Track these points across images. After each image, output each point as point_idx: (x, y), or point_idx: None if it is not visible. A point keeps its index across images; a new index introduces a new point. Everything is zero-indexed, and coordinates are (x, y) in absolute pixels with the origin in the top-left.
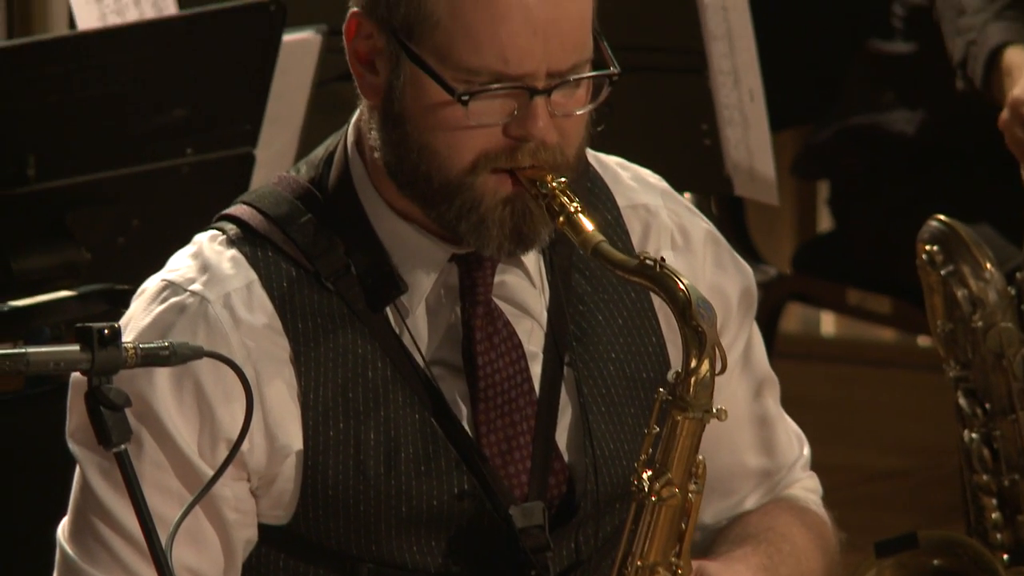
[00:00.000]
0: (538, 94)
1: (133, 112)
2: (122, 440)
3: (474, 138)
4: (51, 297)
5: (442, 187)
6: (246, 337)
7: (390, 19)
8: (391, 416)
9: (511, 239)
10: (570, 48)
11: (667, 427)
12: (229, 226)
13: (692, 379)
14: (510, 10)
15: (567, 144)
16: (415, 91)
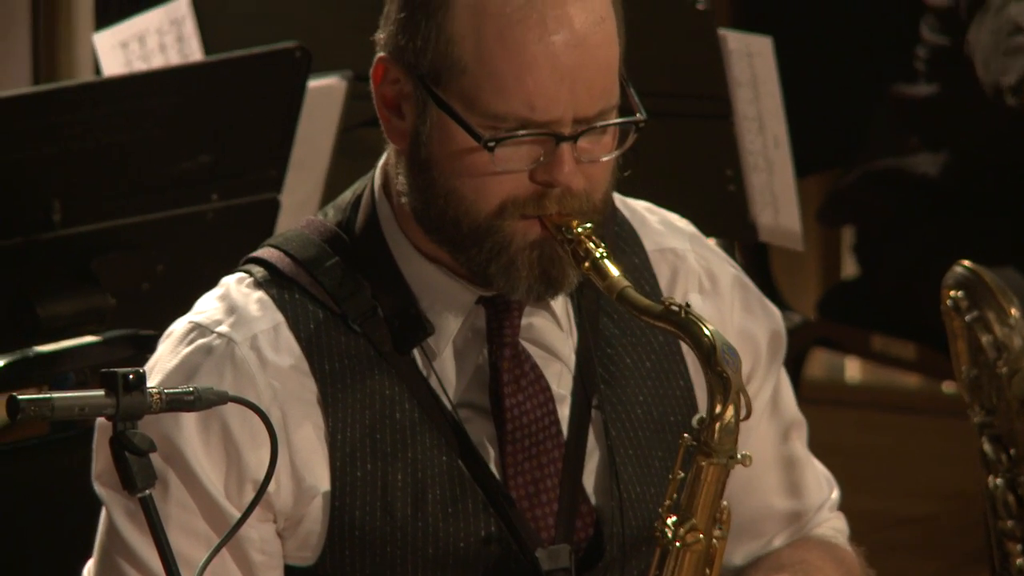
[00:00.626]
0: (564, 140)
1: (159, 158)
2: (147, 485)
3: (501, 184)
4: (76, 343)
5: (471, 231)
6: (273, 379)
7: (417, 64)
8: (418, 458)
9: (540, 282)
10: (596, 95)
11: (692, 472)
12: (256, 268)
13: (717, 424)
14: (537, 57)
15: (593, 190)
16: (442, 136)
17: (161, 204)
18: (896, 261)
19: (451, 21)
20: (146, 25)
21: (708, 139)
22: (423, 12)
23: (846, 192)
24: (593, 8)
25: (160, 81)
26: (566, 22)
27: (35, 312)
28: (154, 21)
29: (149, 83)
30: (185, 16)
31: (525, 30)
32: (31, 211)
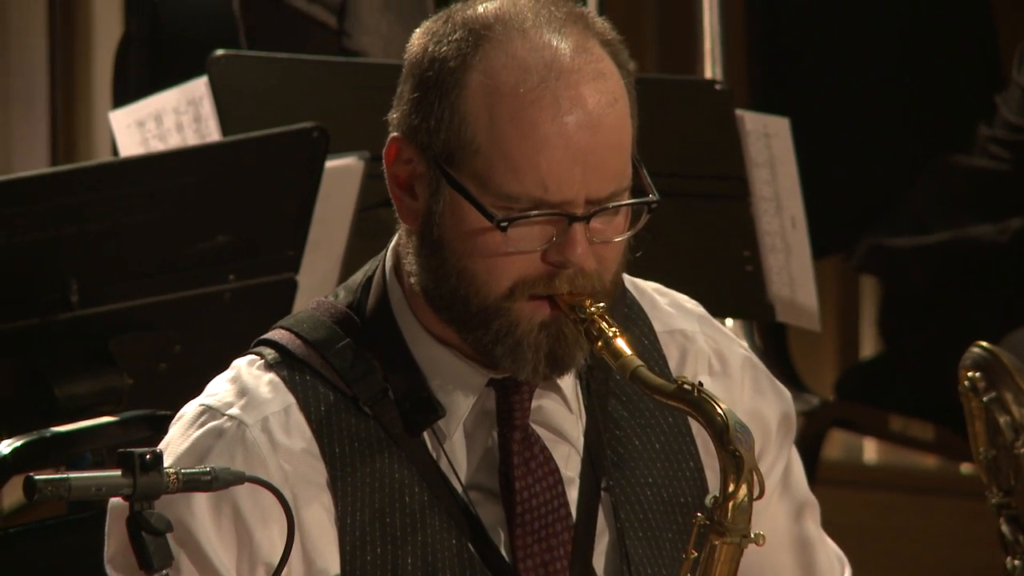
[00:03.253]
0: (577, 221)
1: (175, 238)
2: (164, 565)
3: (513, 263)
4: (93, 423)
5: (480, 311)
6: (284, 461)
7: (431, 144)
8: (428, 541)
9: (546, 363)
10: (609, 176)
11: (705, 552)
12: (267, 350)
13: (730, 503)
14: (550, 138)
15: (605, 270)
16: (454, 216)
17: (178, 284)
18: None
19: (464, 101)
20: (163, 104)
21: (725, 219)
22: (436, 92)
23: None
24: (607, 89)
25: (177, 161)
26: (580, 103)
27: (52, 392)
28: (171, 100)
29: (166, 163)
30: (203, 96)
31: (538, 111)
32: (49, 291)
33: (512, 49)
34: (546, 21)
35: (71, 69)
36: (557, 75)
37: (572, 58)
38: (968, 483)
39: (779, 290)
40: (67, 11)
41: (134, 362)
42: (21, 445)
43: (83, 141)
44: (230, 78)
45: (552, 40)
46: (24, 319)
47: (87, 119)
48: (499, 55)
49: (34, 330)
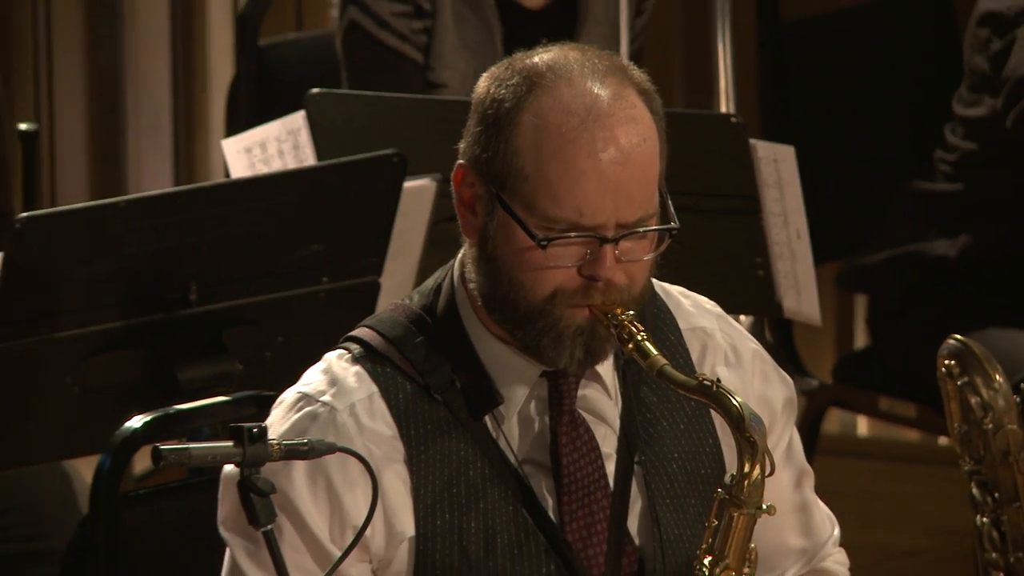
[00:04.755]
0: (607, 242)
1: (278, 247)
2: (268, 521)
3: (553, 276)
4: (209, 402)
5: (527, 313)
6: (368, 441)
7: (488, 171)
8: (489, 508)
9: (583, 355)
10: (636, 205)
11: (724, 521)
12: (354, 346)
13: (745, 481)
14: (586, 171)
15: (633, 284)
16: (505, 233)
17: (281, 286)
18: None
19: (517, 137)
20: (267, 134)
21: (740, 232)
22: (494, 127)
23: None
24: (638, 131)
25: (279, 182)
26: (613, 142)
27: (175, 376)
28: (274, 131)
29: (270, 184)
30: (300, 127)
31: (577, 148)
32: (172, 292)
33: (559, 94)
34: (590, 71)
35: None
36: (595, 118)
37: (609, 104)
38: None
39: (786, 292)
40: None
41: (244, 351)
42: (149, 420)
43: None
44: (323, 112)
45: (593, 88)
46: (152, 315)
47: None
48: (548, 99)
49: (160, 324)
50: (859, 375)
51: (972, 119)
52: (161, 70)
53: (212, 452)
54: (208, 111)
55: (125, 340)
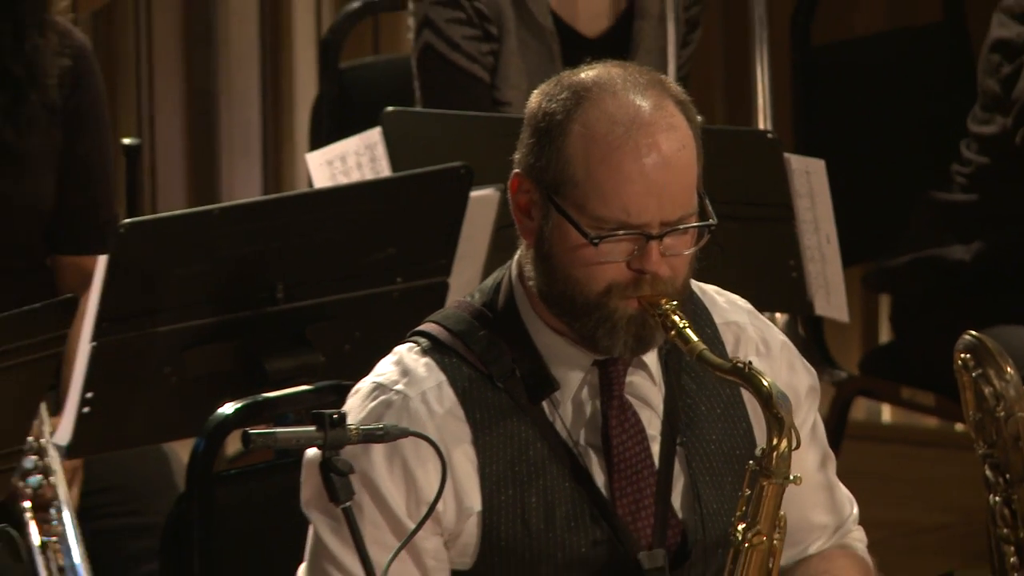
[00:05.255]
0: (652, 239)
1: (356, 250)
2: (347, 498)
3: (605, 271)
4: (294, 390)
5: (583, 306)
6: (438, 425)
7: (542, 178)
8: (548, 485)
9: (634, 342)
10: (678, 204)
11: (756, 490)
12: (422, 339)
13: (774, 454)
14: (631, 175)
15: (676, 277)
16: (559, 234)
17: (359, 285)
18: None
19: (567, 146)
20: (347, 148)
21: (776, 237)
22: (547, 138)
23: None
24: (677, 138)
25: (357, 192)
26: (655, 148)
27: (263, 367)
28: (353, 145)
29: (349, 193)
30: (377, 142)
31: (623, 154)
32: (260, 290)
33: (604, 106)
34: (632, 85)
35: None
36: (638, 127)
37: (650, 113)
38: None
39: (816, 291)
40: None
41: (325, 345)
42: (240, 407)
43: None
44: (397, 128)
45: (636, 99)
46: (242, 312)
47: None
48: (594, 111)
49: (249, 320)
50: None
51: (985, 136)
52: (251, 91)
53: (296, 436)
54: (293, 127)
55: (218, 334)
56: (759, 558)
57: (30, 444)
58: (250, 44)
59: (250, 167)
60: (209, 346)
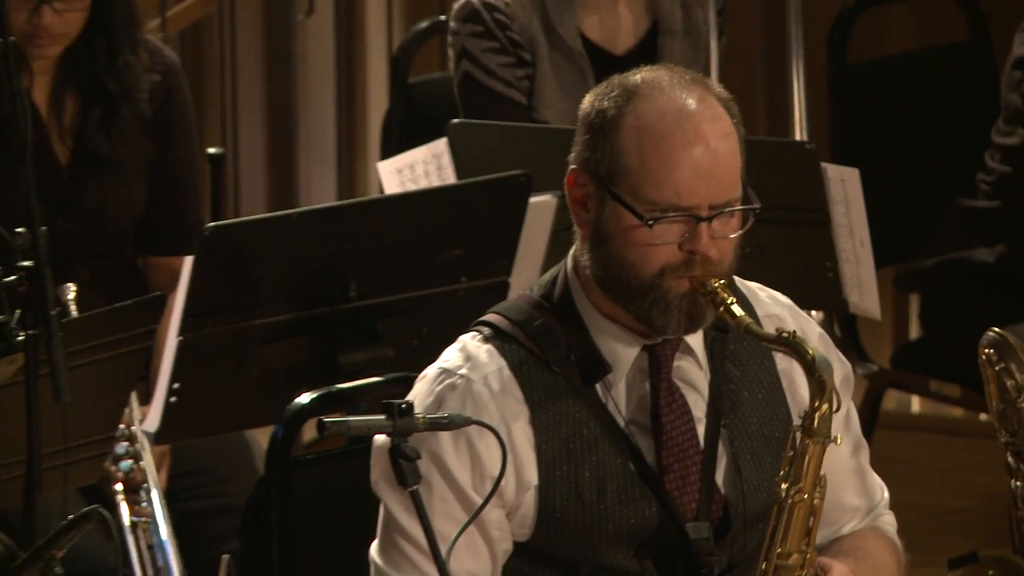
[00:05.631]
0: (702, 220)
1: (424, 252)
2: (415, 482)
3: (659, 252)
4: (366, 382)
5: (638, 287)
6: (499, 405)
7: (597, 170)
8: (600, 460)
9: (686, 320)
10: (724, 189)
11: (799, 450)
12: (485, 328)
13: (816, 415)
14: (681, 161)
15: (724, 259)
16: (615, 220)
17: (426, 284)
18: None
19: (620, 138)
20: (415, 157)
21: (814, 240)
22: (601, 132)
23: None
24: (721, 128)
25: (425, 198)
26: (702, 137)
27: (337, 360)
28: (421, 154)
29: (418, 199)
30: (443, 151)
31: (673, 142)
32: (335, 289)
33: (654, 101)
34: (678, 83)
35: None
36: (686, 117)
37: (696, 106)
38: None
39: (851, 291)
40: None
41: (395, 339)
42: (316, 397)
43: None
44: (462, 139)
45: (682, 95)
46: (317, 308)
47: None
48: (645, 104)
49: (325, 316)
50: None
51: (1007, 147)
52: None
53: (367, 424)
54: (366, 138)
55: (295, 330)
56: (801, 514)
57: (122, 431)
58: (326, 62)
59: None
60: (287, 340)
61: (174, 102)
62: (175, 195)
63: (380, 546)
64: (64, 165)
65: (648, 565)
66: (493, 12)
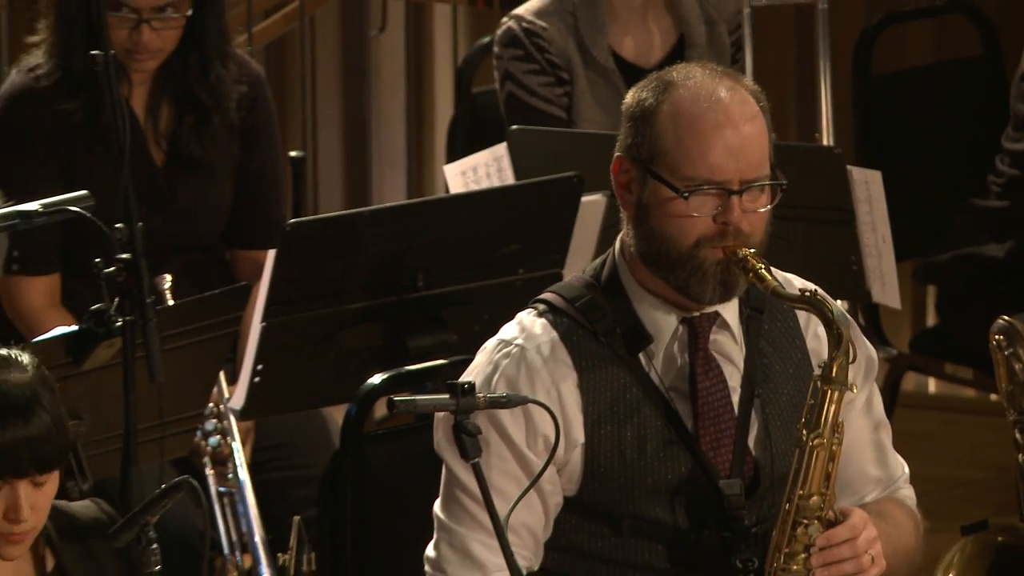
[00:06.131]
0: (734, 194)
1: (485, 246)
2: (476, 456)
3: (695, 224)
4: (431, 364)
5: (676, 258)
6: (551, 371)
7: (639, 154)
8: (642, 422)
9: (720, 288)
10: (753, 165)
11: (819, 398)
12: (539, 304)
13: (835, 364)
14: (713, 139)
15: (754, 231)
16: (655, 197)
17: (487, 275)
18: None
19: (659, 123)
20: (478, 160)
21: (840, 236)
22: (641, 119)
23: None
24: (749, 111)
25: (487, 197)
26: (731, 119)
27: (406, 344)
28: (483, 158)
29: (480, 198)
30: (503, 155)
31: (705, 123)
32: (404, 280)
33: (688, 89)
34: (710, 75)
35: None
36: (716, 102)
37: (725, 93)
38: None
39: (873, 282)
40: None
41: (458, 325)
42: (386, 378)
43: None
44: (520, 143)
45: (713, 83)
46: (388, 297)
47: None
48: (679, 92)
49: (395, 304)
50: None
51: (1016, 152)
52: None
53: (433, 403)
54: (433, 143)
55: (368, 316)
56: (821, 458)
57: (211, 409)
58: (397, 74)
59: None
60: (360, 326)
61: (259, 110)
62: (260, 195)
63: (443, 502)
64: (159, 167)
65: (683, 517)
66: (532, 37)
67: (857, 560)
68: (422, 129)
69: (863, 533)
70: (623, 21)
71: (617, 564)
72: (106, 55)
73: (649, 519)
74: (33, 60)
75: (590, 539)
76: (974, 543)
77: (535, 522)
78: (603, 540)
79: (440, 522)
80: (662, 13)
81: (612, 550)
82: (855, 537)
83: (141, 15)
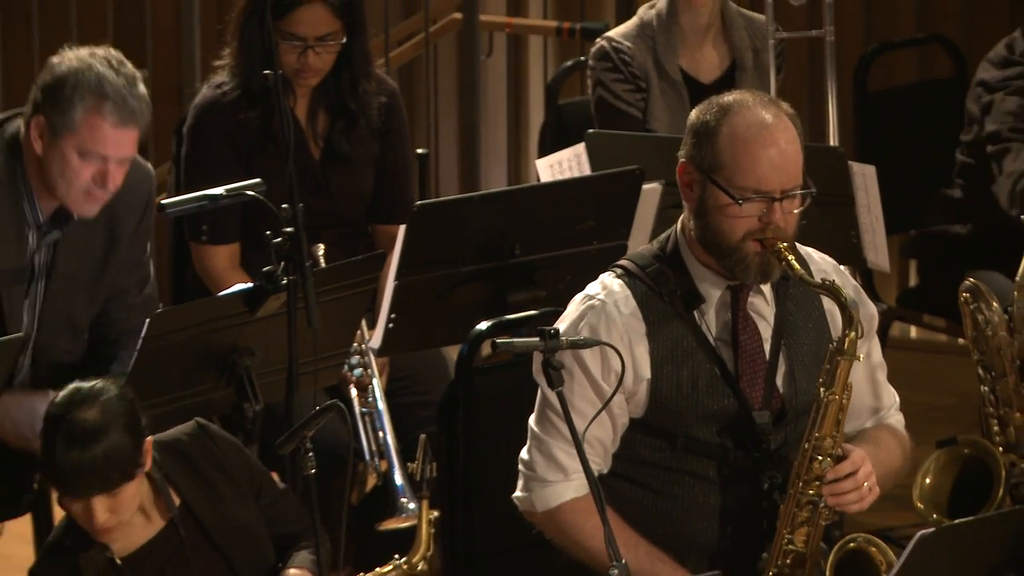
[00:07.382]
0: (776, 200)
1: (568, 222)
2: (559, 385)
3: (742, 223)
4: (526, 314)
5: (727, 247)
6: (625, 321)
7: (701, 164)
8: (695, 364)
9: (759, 272)
10: (791, 178)
11: (833, 365)
12: (618, 268)
13: (846, 339)
14: (762, 159)
15: (789, 228)
16: (713, 199)
17: (569, 245)
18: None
19: (719, 141)
20: (563, 156)
21: (842, 216)
22: (704, 137)
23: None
24: (790, 135)
25: (570, 185)
26: (776, 141)
27: (506, 299)
28: (567, 154)
29: (565, 186)
30: (582, 152)
31: (756, 145)
32: (503, 248)
33: (742, 116)
34: (759, 103)
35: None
36: (765, 127)
37: (772, 120)
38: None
39: (868, 252)
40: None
41: (546, 285)
42: (490, 325)
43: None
44: (596, 143)
45: (762, 112)
46: (492, 262)
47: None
48: (735, 118)
49: (497, 268)
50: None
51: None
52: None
53: (527, 344)
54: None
55: (476, 277)
56: (833, 409)
57: (355, 347)
58: (500, 90)
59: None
60: (470, 285)
61: (394, 117)
62: (394, 182)
63: (536, 417)
64: (317, 161)
65: (724, 438)
66: (619, 54)
67: (858, 490)
68: (519, 133)
69: (862, 468)
70: (690, 45)
71: (672, 471)
72: (275, 74)
73: (698, 439)
74: (219, 78)
75: (651, 451)
76: (946, 454)
77: (606, 436)
78: (661, 452)
79: (533, 432)
80: (720, 41)
81: (668, 460)
82: (855, 471)
83: (307, 43)
